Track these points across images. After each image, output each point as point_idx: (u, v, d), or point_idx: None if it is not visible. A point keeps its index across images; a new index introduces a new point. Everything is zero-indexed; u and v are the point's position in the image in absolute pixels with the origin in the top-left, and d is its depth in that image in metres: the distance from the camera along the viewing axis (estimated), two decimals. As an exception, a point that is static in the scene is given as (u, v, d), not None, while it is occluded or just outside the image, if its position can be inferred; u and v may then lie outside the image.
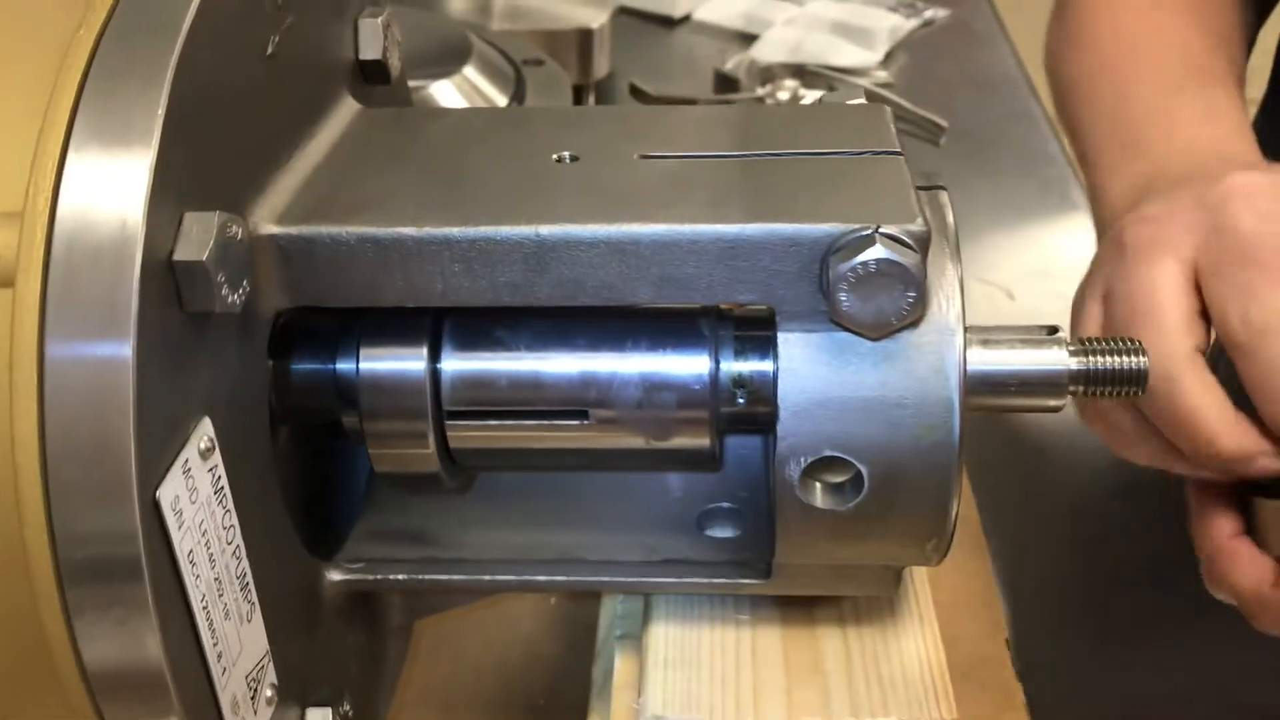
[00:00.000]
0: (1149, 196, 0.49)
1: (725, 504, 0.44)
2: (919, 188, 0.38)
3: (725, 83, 1.02)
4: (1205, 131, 0.55)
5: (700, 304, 0.38)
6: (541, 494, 0.46)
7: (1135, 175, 0.55)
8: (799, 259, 0.35)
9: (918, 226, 0.34)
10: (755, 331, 0.39)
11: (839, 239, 0.34)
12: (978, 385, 0.38)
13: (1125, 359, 0.40)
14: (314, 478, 0.43)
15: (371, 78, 0.45)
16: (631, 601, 0.45)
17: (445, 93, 0.80)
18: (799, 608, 0.42)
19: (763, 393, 0.39)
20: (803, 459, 0.36)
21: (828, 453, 0.36)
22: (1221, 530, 0.46)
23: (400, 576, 0.42)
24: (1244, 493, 0.46)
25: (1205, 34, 0.63)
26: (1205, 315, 0.44)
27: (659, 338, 0.39)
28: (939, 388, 0.36)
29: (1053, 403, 0.40)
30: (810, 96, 0.99)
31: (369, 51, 0.44)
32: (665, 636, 0.42)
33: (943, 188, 0.39)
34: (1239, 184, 0.44)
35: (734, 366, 0.39)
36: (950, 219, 0.38)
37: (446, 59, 0.82)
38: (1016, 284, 0.90)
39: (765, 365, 0.38)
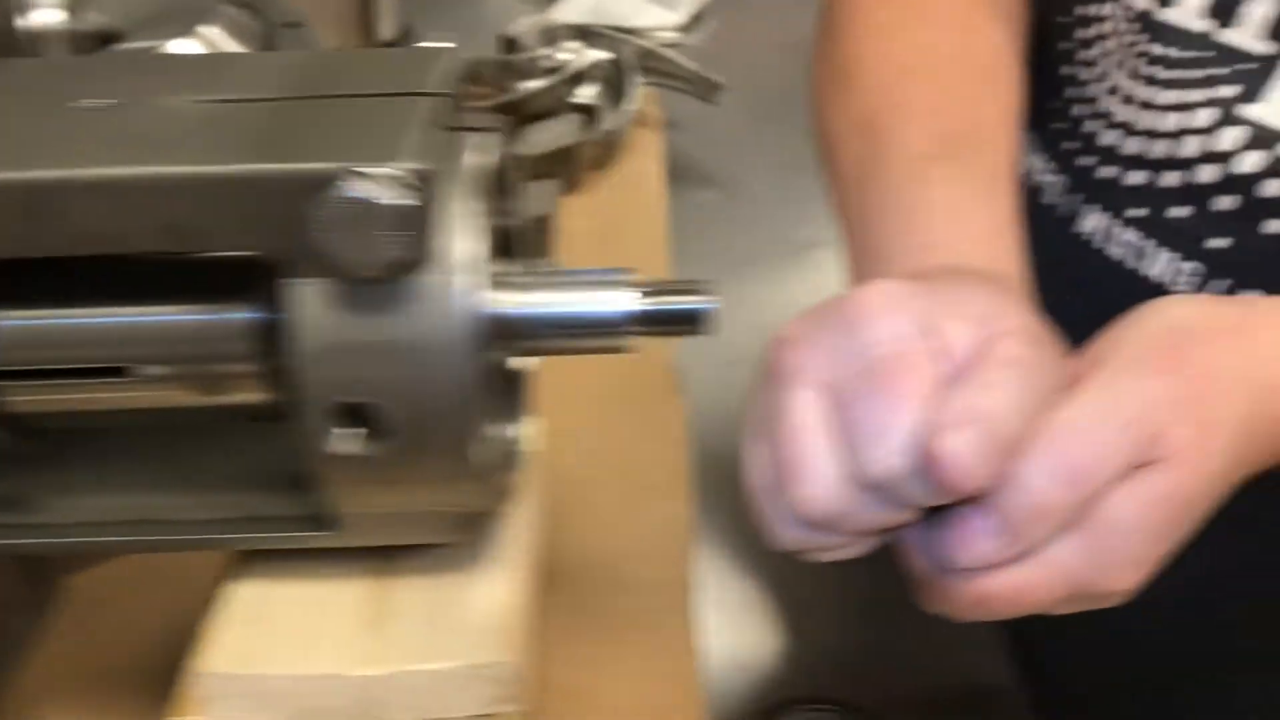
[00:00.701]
0: None
1: (322, 458, 0.43)
2: (457, 128, 0.38)
3: (510, 44, 1.01)
4: (941, 236, 0.49)
5: (219, 253, 0.37)
6: (143, 455, 0.45)
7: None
8: (293, 202, 0.34)
9: (410, 165, 0.34)
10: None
11: (324, 179, 0.33)
12: (522, 327, 0.38)
13: (685, 298, 0.40)
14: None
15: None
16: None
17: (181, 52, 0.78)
18: (382, 558, 0.42)
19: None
20: (321, 407, 0.36)
21: (343, 399, 0.36)
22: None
23: (-39, 542, 0.41)
24: None
25: (975, 70, 0.57)
26: None
27: (202, 289, 0.38)
28: (449, 331, 0.35)
29: (614, 343, 0.40)
30: (594, 56, 0.98)
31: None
32: (243, 595, 0.41)
33: (490, 129, 0.39)
34: (870, 297, 0.39)
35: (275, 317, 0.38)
36: (481, 161, 0.37)
37: (185, 18, 0.80)
38: (790, 235, 0.90)
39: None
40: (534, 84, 0.94)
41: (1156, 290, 0.54)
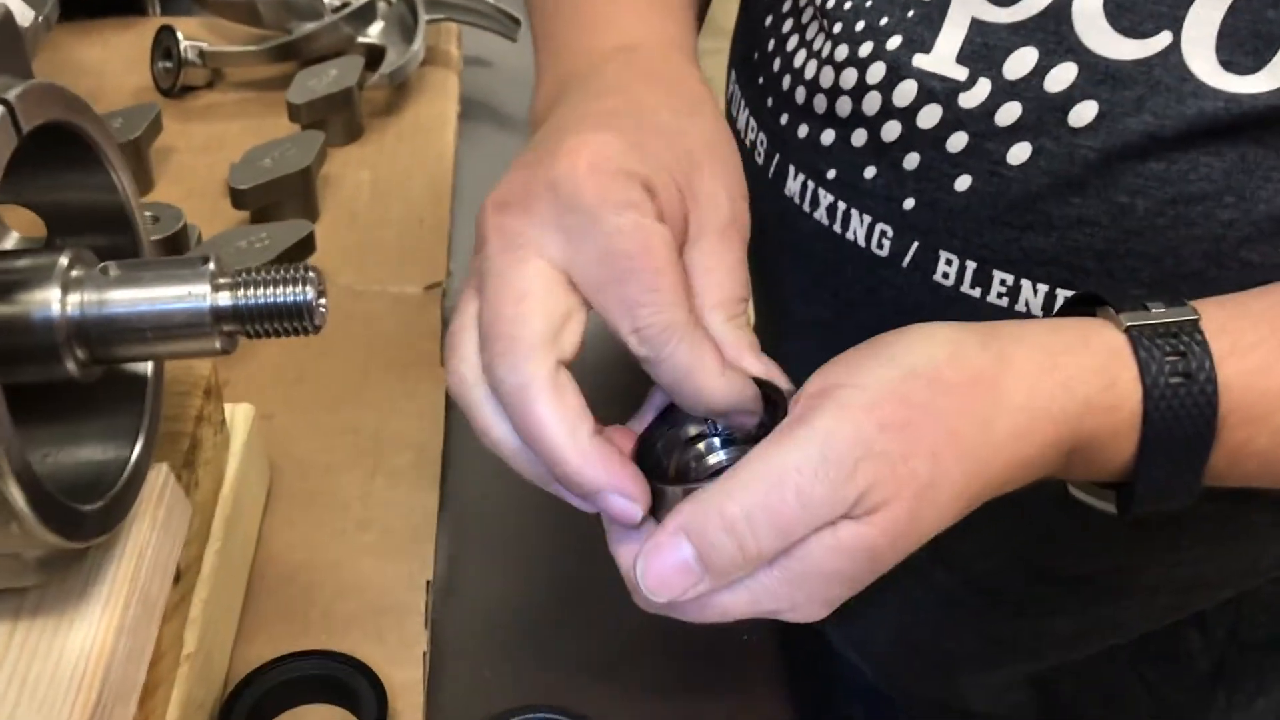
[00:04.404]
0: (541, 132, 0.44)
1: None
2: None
3: (295, -16, 0.93)
4: (615, 21, 0.51)
5: None
6: None
7: (554, 81, 0.50)
8: None
9: None
10: None
11: None
12: (94, 331, 0.33)
13: (276, 290, 0.35)
14: None
15: None
16: None
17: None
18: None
19: None
20: None
21: None
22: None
23: None
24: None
25: None
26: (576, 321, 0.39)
27: None
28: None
29: (205, 345, 0.35)
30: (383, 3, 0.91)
31: None
32: None
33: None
34: (580, 167, 0.39)
35: None
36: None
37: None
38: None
39: None
40: (313, 24, 0.87)
41: (861, 253, 0.51)
